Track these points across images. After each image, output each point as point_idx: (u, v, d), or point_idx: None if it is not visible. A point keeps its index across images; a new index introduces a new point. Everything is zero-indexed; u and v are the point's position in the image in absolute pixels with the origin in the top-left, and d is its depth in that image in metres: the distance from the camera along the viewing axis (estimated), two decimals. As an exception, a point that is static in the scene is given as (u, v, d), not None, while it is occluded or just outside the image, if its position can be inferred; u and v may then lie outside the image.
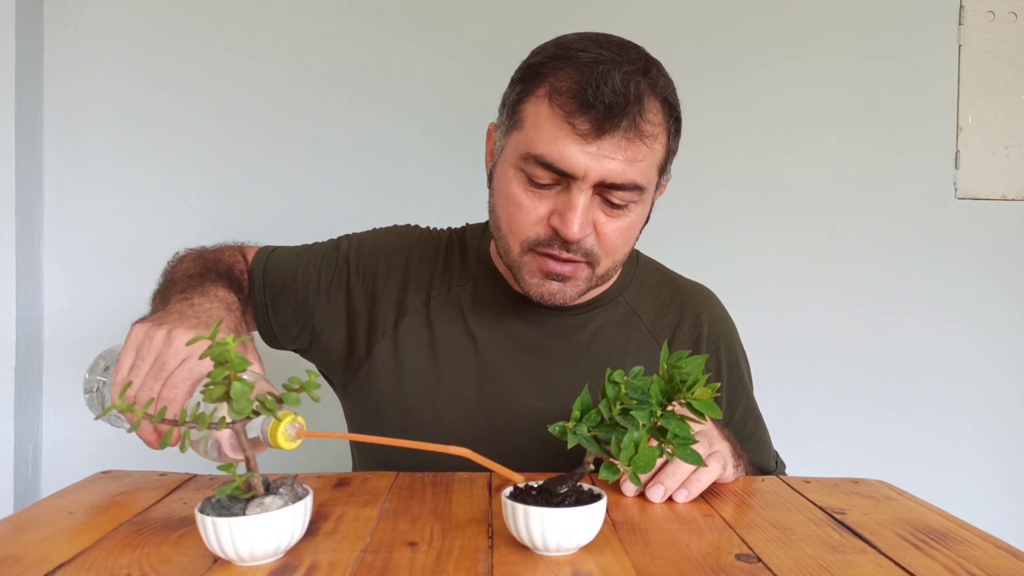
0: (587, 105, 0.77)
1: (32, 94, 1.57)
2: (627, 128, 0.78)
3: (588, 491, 0.59)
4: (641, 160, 0.81)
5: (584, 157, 0.78)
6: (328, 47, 1.64)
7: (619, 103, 0.77)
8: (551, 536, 0.55)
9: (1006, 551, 0.59)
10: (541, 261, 0.85)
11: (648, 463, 0.55)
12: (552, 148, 0.79)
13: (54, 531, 0.63)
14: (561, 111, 0.79)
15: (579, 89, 0.78)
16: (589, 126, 0.78)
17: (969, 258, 1.70)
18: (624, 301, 0.98)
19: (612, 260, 0.88)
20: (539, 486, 0.60)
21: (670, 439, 0.57)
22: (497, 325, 0.96)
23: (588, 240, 0.84)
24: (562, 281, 0.86)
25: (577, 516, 0.55)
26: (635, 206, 0.85)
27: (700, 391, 0.56)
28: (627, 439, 0.55)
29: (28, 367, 1.57)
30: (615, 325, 0.97)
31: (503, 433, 0.92)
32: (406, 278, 0.98)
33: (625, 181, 0.80)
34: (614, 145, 0.78)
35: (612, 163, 0.79)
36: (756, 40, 1.68)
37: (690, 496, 0.71)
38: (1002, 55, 1.69)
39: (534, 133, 0.81)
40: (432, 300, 0.97)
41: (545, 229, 0.83)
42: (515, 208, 0.84)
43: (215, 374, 0.51)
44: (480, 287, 0.97)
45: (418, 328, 0.96)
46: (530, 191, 0.83)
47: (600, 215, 0.83)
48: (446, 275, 0.98)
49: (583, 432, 0.57)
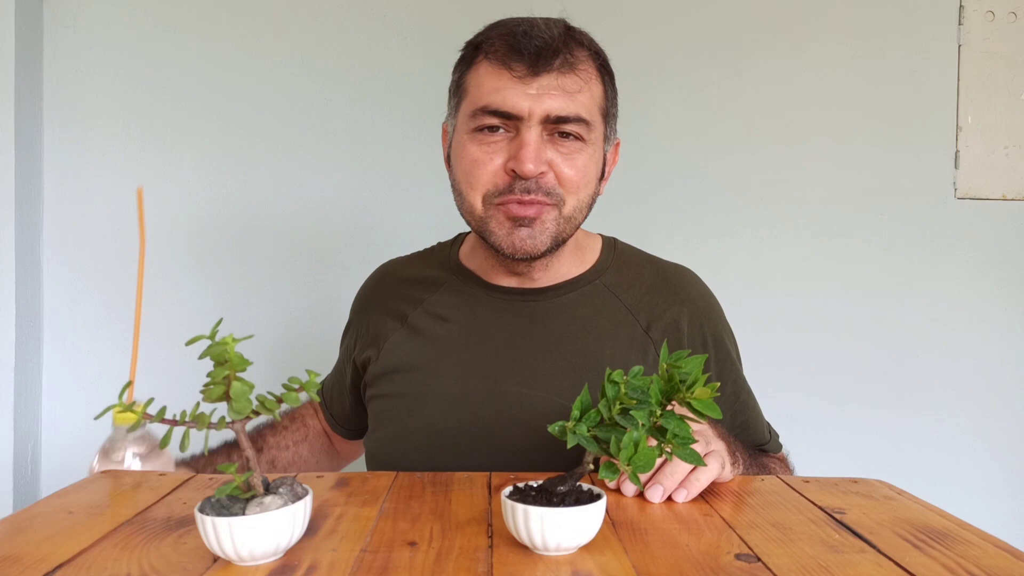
0: (519, 50, 0.85)
1: (32, 93, 1.57)
2: (560, 65, 0.85)
3: (588, 491, 0.59)
4: (579, 92, 0.87)
5: (525, 98, 0.85)
6: (328, 46, 1.64)
7: (549, 44, 0.85)
8: (551, 536, 0.55)
9: (1006, 551, 0.59)
10: (505, 209, 0.89)
11: (648, 463, 0.55)
12: (495, 95, 0.86)
13: (54, 531, 0.63)
14: (498, 61, 0.87)
15: (510, 40, 0.86)
16: (525, 68, 0.85)
17: (969, 258, 1.70)
18: (601, 284, 0.99)
19: (576, 199, 0.91)
20: (539, 486, 0.60)
21: (670, 439, 0.57)
22: (474, 321, 0.98)
23: (547, 179, 0.88)
24: (530, 226, 0.89)
25: (577, 516, 0.55)
26: (586, 145, 0.89)
27: (700, 391, 0.56)
28: (627, 439, 0.55)
29: (28, 367, 1.57)
30: (592, 306, 0.97)
31: (493, 424, 0.93)
32: (380, 316, 1.04)
33: (569, 113, 0.86)
34: (551, 82, 0.85)
35: (552, 99, 0.85)
36: (756, 40, 1.68)
37: (689, 496, 0.71)
38: (1002, 55, 1.69)
39: (477, 92, 0.88)
40: (409, 319, 1.00)
41: (503, 177, 0.88)
42: (472, 164, 0.89)
43: (215, 374, 0.51)
44: (453, 290, 1.01)
45: (398, 345, 1.00)
46: (484, 145, 0.88)
47: (554, 155, 0.88)
48: (417, 293, 1.02)
49: (583, 432, 0.57)
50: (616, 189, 1.65)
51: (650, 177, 1.66)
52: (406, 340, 0.99)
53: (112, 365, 1.62)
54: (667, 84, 1.66)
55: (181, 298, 1.63)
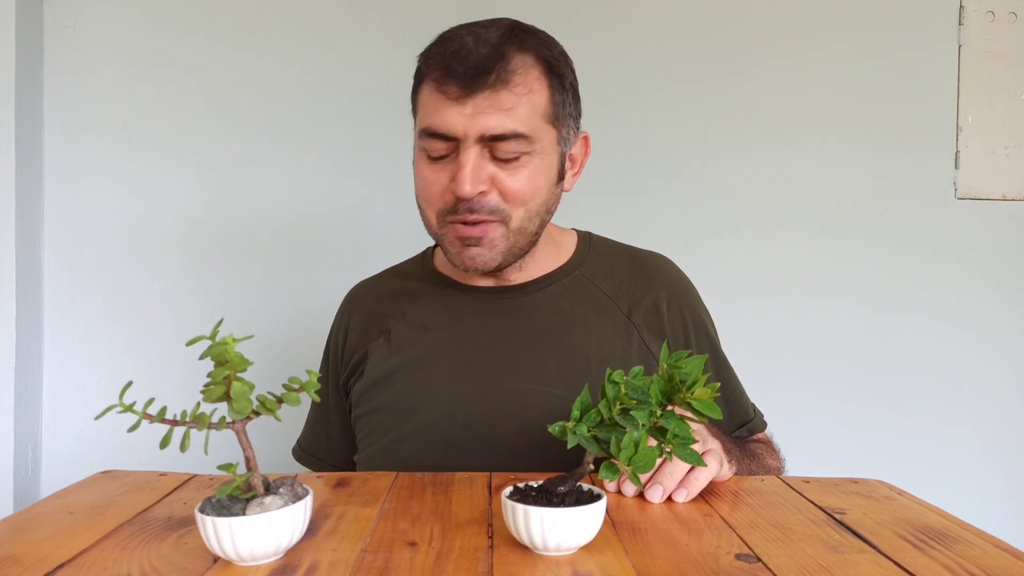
0: (452, 72, 0.85)
1: (32, 93, 1.57)
2: (495, 82, 0.85)
3: (588, 491, 0.59)
4: (514, 108, 0.86)
5: (459, 118, 0.86)
6: (328, 46, 1.64)
7: (481, 63, 0.85)
8: (551, 536, 0.55)
9: (1006, 551, 0.59)
10: (454, 228, 0.91)
11: (648, 463, 0.55)
12: (434, 118, 0.88)
13: (54, 531, 0.63)
14: (434, 84, 0.88)
15: (444, 62, 0.86)
16: (458, 89, 0.85)
17: (969, 258, 1.70)
18: (580, 274, 1.01)
19: (524, 211, 0.91)
20: (539, 486, 0.60)
21: (670, 439, 0.57)
22: (458, 324, 0.99)
23: (490, 197, 0.89)
24: (478, 244, 0.90)
25: (577, 516, 0.55)
26: (529, 157, 0.89)
27: (700, 391, 0.56)
28: (627, 439, 0.55)
29: (28, 367, 1.57)
30: (573, 296, 0.99)
31: (487, 422, 0.93)
32: (359, 336, 1.04)
33: (505, 131, 0.86)
34: (485, 101, 0.85)
35: (487, 117, 0.85)
36: (756, 40, 1.68)
37: (689, 495, 0.71)
38: (1002, 55, 1.69)
39: (422, 113, 0.91)
40: (392, 333, 1.01)
41: (450, 196, 0.89)
42: (423, 183, 0.93)
43: (215, 374, 0.51)
44: (433, 298, 1.02)
45: (383, 360, 1.00)
46: (432, 165, 0.91)
47: (496, 171, 0.88)
48: (397, 306, 1.03)
49: (583, 432, 0.57)
50: (613, 188, 1.65)
51: (650, 177, 1.66)
52: (391, 354, 0.99)
53: (112, 365, 1.62)
54: (667, 83, 1.66)
55: (181, 298, 1.63)
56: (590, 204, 1.58)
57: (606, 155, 1.63)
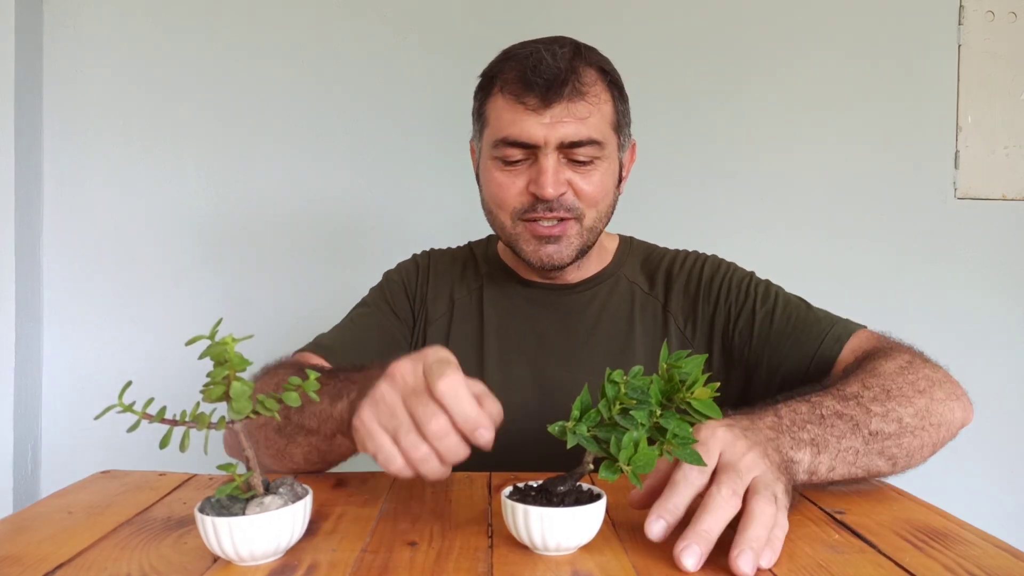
0: (530, 84, 0.91)
1: (32, 94, 1.57)
2: (570, 94, 0.91)
3: (588, 491, 0.59)
4: (589, 117, 0.93)
5: (540, 127, 0.92)
6: (328, 46, 1.64)
7: (557, 75, 0.91)
8: (551, 536, 0.55)
9: (1006, 551, 0.59)
10: (532, 227, 0.96)
11: (648, 463, 0.55)
12: (513, 128, 0.93)
13: (54, 531, 0.63)
14: (512, 96, 0.93)
15: (521, 75, 0.92)
16: (537, 100, 0.91)
17: (969, 258, 1.70)
18: (622, 275, 1.09)
19: (596, 211, 0.98)
20: (539, 486, 0.59)
21: (669, 439, 0.56)
22: (515, 313, 1.06)
23: (567, 197, 0.95)
24: (556, 242, 0.96)
25: (577, 516, 0.55)
26: (600, 161, 0.96)
27: (700, 391, 0.55)
28: (627, 439, 0.54)
29: (28, 367, 1.57)
30: (619, 295, 1.07)
31: (539, 408, 0.97)
32: (427, 296, 1.09)
33: (582, 138, 0.93)
34: (562, 110, 0.92)
35: (565, 126, 0.92)
36: (756, 41, 1.68)
37: (774, 557, 0.55)
38: (1002, 55, 1.69)
39: (497, 124, 0.96)
40: (456, 306, 1.08)
41: (527, 197, 0.95)
42: (498, 188, 0.97)
43: (215, 374, 0.51)
44: (494, 284, 1.09)
45: (441, 331, 1.06)
46: (507, 171, 0.96)
47: (572, 175, 0.95)
48: (464, 282, 1.10)
49: (583, 432, 0.57)
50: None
51: (650, 178, 1.66)
52: (449, 328, 1.06)
53: (112, 365, 1.62)
54: (666, 84, 1.66)
55: (180, 299, 1.63)
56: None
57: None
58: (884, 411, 0.71)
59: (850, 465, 0.68)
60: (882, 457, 0.70)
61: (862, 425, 0.69)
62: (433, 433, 0.58)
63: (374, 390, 0.62)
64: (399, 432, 0.59)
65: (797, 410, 0.68)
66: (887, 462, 0.71)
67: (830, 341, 0.91)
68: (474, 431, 0.58)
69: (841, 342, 0.91)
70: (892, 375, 0.76)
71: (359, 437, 0.62)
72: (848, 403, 0.71)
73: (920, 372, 0.79)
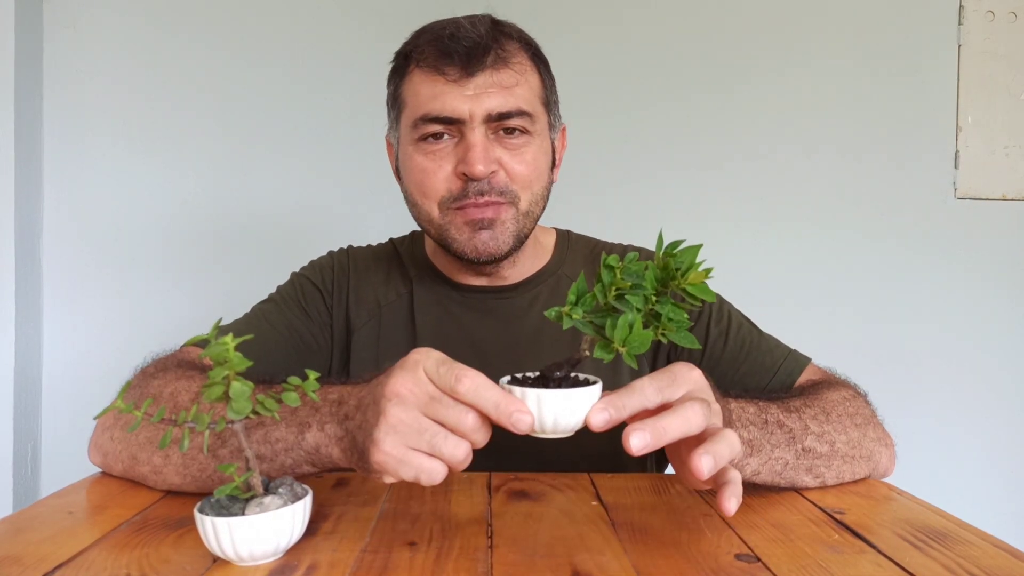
0: (449, 54, 0.84)
1: (32, 94, 1.57)
2: (493, 61, 0.85)
3: (584, 379, 0.58)
4: (516, 86, 0.86)
5: (463, 100, 0.84)
6: (327, 48, 1.64)
7: (478, 42, 0.84)
8: (548, 416, 0.54)
9: (1006, 551, 0.59)
10: (463, 213, 0.88)
11: (642, 343, 0.53)
12: (434, 102, 0.85)
13: (54, 531, 0.62)
14: (430, 68, 0.85)
15: (439, 44, 0.85)
16: (458, 70, 0.84)
17: (969, 258, 1.70)
18: (563, 273, 1.00)
19: (531, 193, 0.90)
20: (536, 376, 0.59)
21: (664, 323, 0.55)
22: (450, 321, 0.97)
23: (499, 177, 0.87)
24: (490, 228, 0.88)
25: (571, 397, 0.55)
26: (532, 138, 0.88)
27: (694, 275, 0.54)
28: (622, 320, 0.53)
29: (28, 367, 1.57)
30: (562, 295, 0.97)
31: None
32: (347, 299, 0.99)
33: (510, 108, 0.85)
34: (486, 80, 0.84)
35: (491, 97, 0.84)
36: (756, 41, 1.68)
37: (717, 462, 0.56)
38: (1002, 55, 1.69)
39: (415, 101, 0.87)
40: (383, 312, 0.98)
41: (456, 182, 0.87)
42: (422, 175, 0.88)
43: (215, 374, 0.51)
44: (424, 288, 0.99)
45: (370, 341, 0.97)
46: (431, 154, 0.87)
47: (502, 152, 0.87)
48: (391, 285, 1.00)
49: (578, 316, 0.56)
50: (620, 190, 1.65)
51: (649, 179, 1.66)
52: (378, 338, 0.97)
53: (111, 365, 1.62)
54: (666, 84, 1.66)
55: (180, 298, 1.63)
56: (588, 203, 1.58)
57: (607, 155, 1.63)
58: (820, 431, 0.74)
59: (776, 475, 0.71)
60: (809, 474, 0.73)
61: (797, 439, 0.72)
62: (471, 427, 0.56)
63: (383, 418, 0.56)
64: (436, 442, 0.56)
65: (745, 409, 0.70)
66: (814, 479, 0.74)
67: (782, 375, 0.92)
68: (511, 416, 0.55)
69: (793, 377, 0.91)
70: (835, 403, 0.80)
71: (389, 469, 0.57)
72: (791, 415, 0.73)
73: (860, 409, 0.82)
